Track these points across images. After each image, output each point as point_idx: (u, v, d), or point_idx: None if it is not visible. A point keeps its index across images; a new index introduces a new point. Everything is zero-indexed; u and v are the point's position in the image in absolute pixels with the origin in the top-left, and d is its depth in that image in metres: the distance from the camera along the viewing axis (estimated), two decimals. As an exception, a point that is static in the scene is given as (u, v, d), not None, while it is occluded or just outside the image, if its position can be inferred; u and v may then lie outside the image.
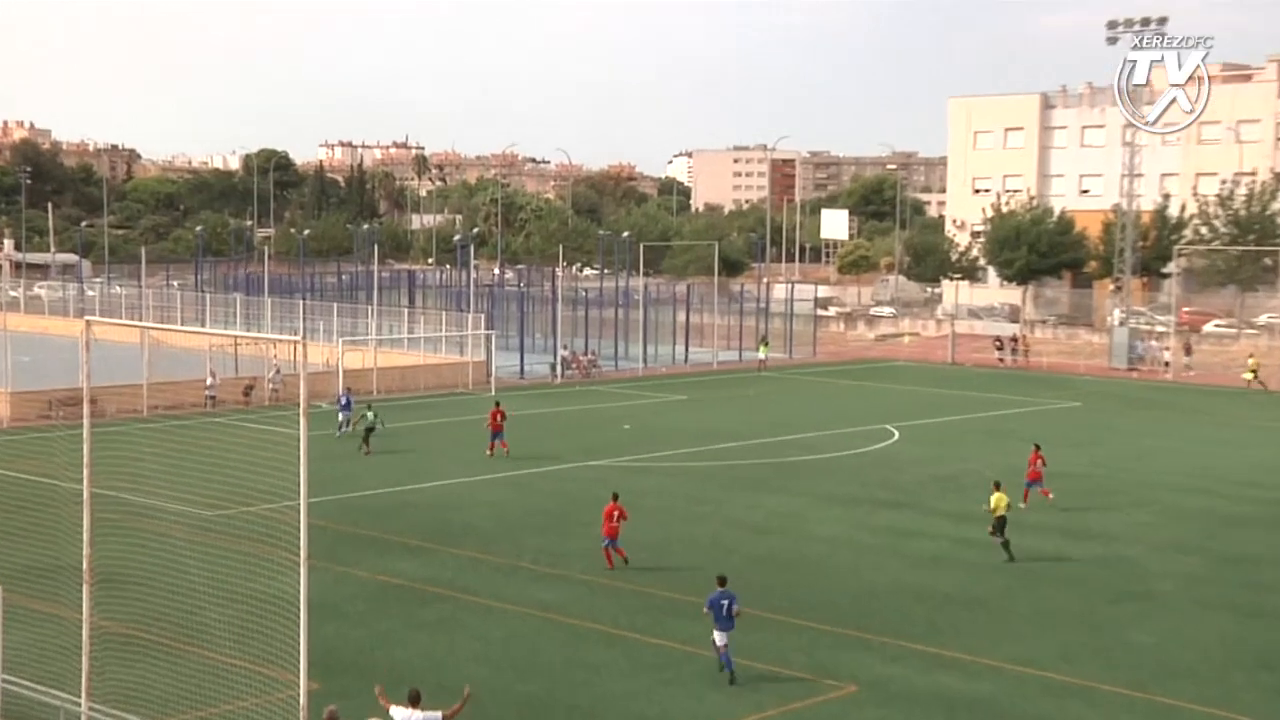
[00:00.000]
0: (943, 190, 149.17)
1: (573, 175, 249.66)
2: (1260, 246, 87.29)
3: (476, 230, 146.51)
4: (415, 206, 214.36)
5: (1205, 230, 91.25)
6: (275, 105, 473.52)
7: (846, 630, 26.68)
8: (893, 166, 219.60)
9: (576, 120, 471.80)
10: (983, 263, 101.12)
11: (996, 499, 32.90)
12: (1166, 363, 75.00)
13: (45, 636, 22.72)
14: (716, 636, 23.84)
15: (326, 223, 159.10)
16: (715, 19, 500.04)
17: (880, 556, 32.84)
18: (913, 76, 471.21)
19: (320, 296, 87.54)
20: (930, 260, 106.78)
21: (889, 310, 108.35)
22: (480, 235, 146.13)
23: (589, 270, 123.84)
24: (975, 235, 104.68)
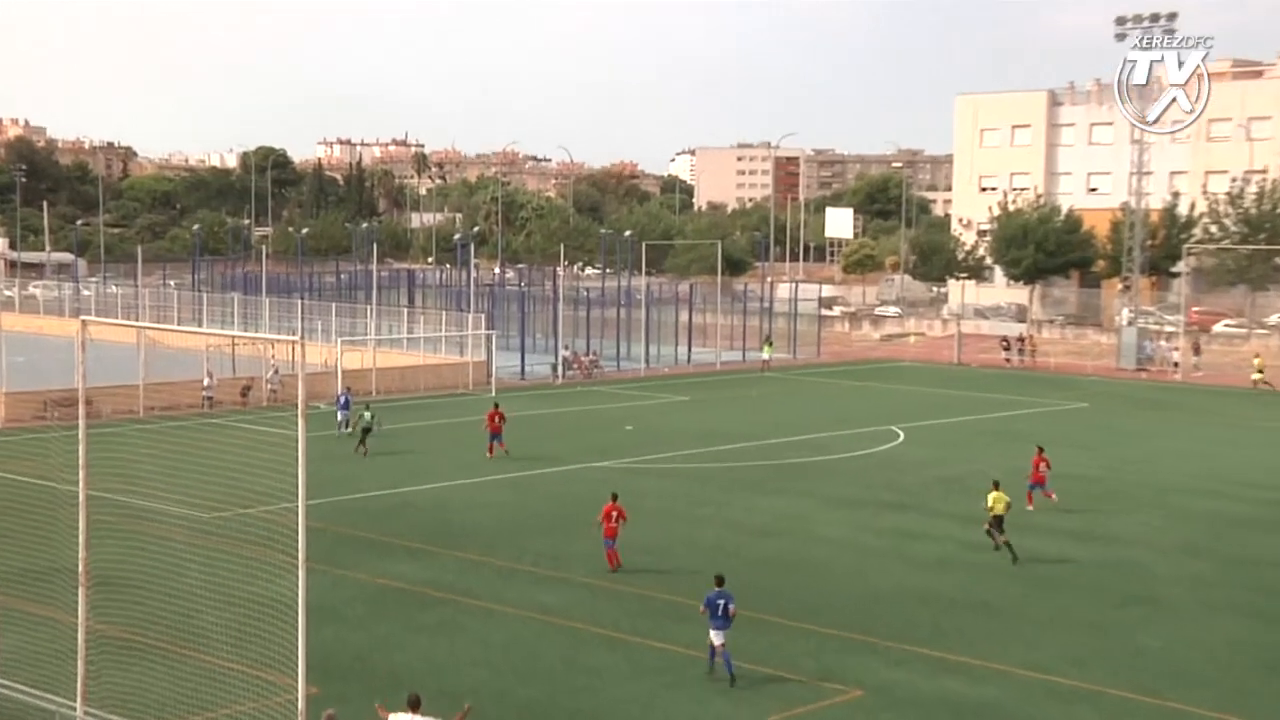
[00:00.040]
0: (949, 188, 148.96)
1: (574, 173, 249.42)
2: (1271, 245, 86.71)
3: (477, 229, 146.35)
4: (415, 205, 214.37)
5: (1215, 229, 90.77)
6: (273, 102, 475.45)
7: (851, 634, 26.47)
8: (898, 164, 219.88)
9: (578, 118, 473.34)
10: (989, 262, 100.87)
11: (994, 498, 32.75)
12: (1175, 363, 74.66)
13: (40, 640, 22.57)
14: (713, 636, 23.71)
15: (325, 221, 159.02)
16: (718, 14, 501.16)
17: (885, 559, 32.64)
18: (918, 73, 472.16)
19: (319, 296, 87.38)
20: (936, 259, 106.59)
21: (894, 310, 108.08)
22: (481, 234, 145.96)
23: (591, 270, 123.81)
24: (982, 234, 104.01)
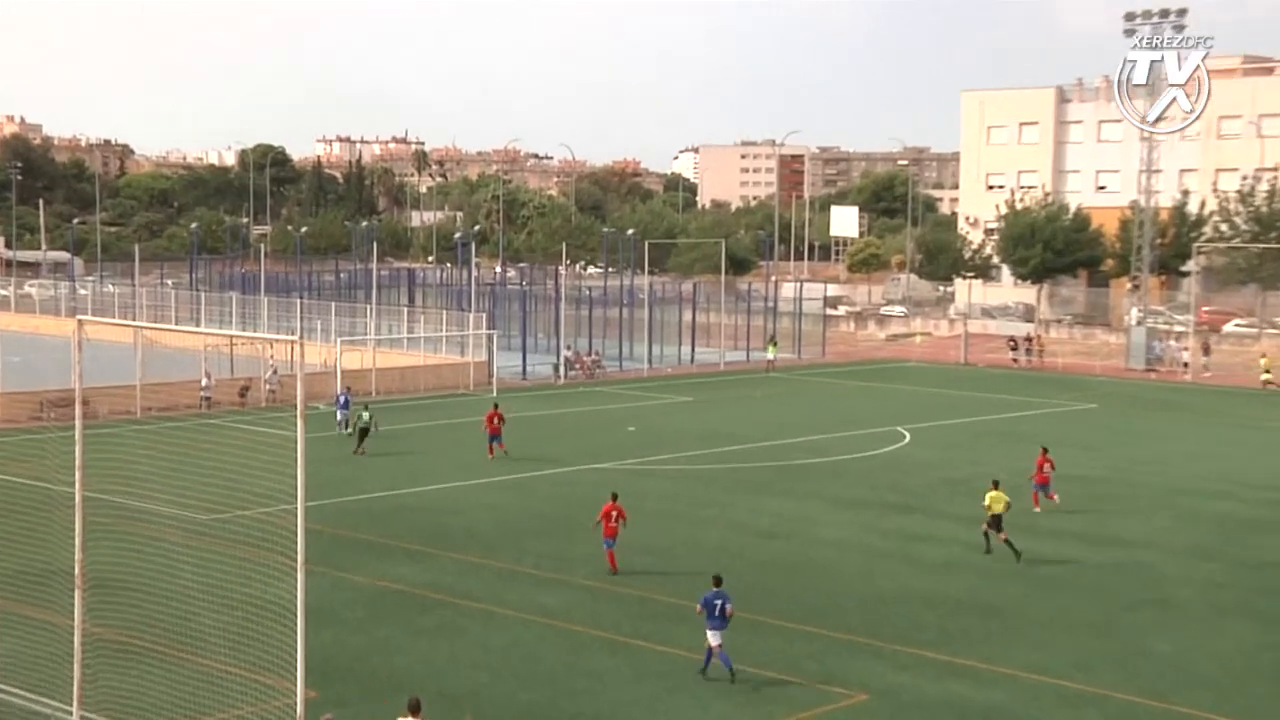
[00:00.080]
0: (955, 187, 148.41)
1: (576, 171, 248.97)
2: None
3: (478, 227, 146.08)
4: (415, 203, 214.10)
5: (1225, 227, 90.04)
6: (272, 99, 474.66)
7: (856, 637, 26.26)
8: (904, 162, 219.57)
9: (580, 115, 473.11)
10: (996, 261, 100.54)
11: (992, 497, 32.61)
12: (1185, 363, 74.38)
13: (36, 643, 22.45)
14: (710, 637, 23.58)
15: (324, 220, 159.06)
16: (720, 11, 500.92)
17: (890, 561, 32.42)
18: (924, 70, 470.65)
19: (318, 295, 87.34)
20: (942, 258, 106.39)
21: (900, 310, 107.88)
22: (482, 233, 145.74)
23: (593, 269, 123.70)
24: (989, 233, 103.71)
